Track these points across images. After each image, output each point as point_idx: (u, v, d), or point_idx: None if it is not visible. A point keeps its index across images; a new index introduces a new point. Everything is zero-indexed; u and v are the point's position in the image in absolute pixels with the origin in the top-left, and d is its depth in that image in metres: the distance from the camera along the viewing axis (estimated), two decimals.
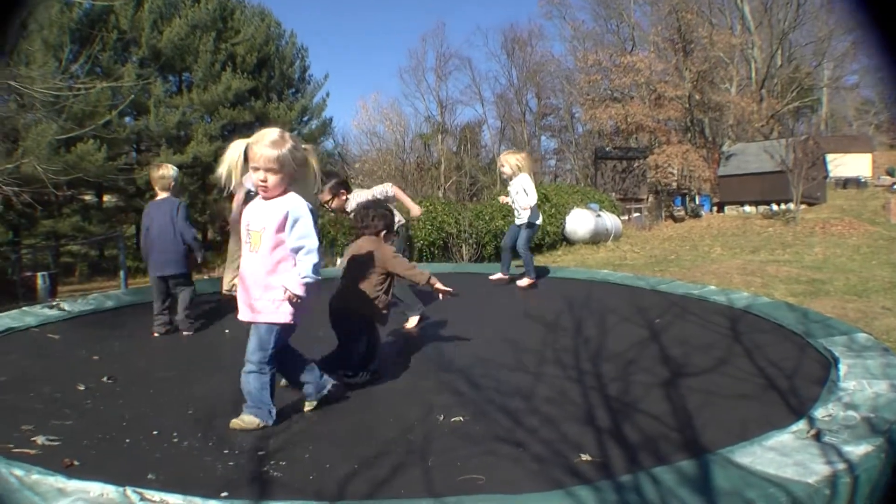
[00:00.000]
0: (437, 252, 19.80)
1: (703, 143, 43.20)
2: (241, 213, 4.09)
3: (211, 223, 33.21)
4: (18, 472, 2.87)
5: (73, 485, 2.78)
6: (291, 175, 3.76)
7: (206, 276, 20.54)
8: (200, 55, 30.33)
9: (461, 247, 20.09)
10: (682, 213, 35.03)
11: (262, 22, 33.94)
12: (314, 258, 3.75)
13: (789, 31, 44.95)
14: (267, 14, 34.79)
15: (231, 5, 33.34)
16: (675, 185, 39.43)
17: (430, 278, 4.71)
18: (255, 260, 3.73)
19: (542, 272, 9.24)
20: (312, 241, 3.76)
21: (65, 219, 26.70)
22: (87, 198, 30.09)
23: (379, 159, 49.85)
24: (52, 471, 2.92)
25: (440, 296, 4.75)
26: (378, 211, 4.90)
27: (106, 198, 31.12)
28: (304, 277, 3.70)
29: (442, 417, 3.79)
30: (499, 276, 8.67)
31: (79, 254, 30.05)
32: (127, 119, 28.22)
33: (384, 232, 4.87)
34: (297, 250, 3.75)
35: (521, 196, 8.26)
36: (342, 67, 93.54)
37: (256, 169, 3.69)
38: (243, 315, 3.81)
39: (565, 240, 24.20)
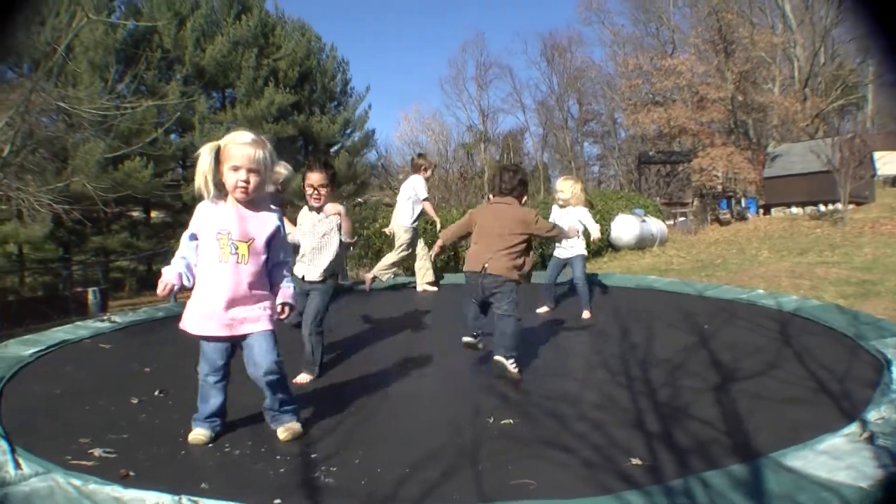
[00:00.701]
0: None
1: (748, 144, 42.70)
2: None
3: None
4: (77, 482, 2.95)
5: (130, 494, 2.85)
6: (266, 179, 3.71)
7: None
8: (243, 71, 30.71)
9: None
10: (728, 216, 34.61)
11: (303, 37, 34.26)
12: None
13: (831, 28, 44.27)
14: (307, 29, 35.13)
15: (272, 21, 33.73)
16: (719, 188, 39.03)
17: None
18: (241, 271, 3.59)
19: (588, 279, 9.17)
20: (289, 254, 3.93)
21: (113, 235, 27.17)
22: (135, 214, 30.62)
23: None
24: (108, 481, 2.99)
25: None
26: (524, 175, 5.22)
27: (153, 213, 31.64)
28: (293, 291, 3.82)
29: (492, 420, 3.82)
30: (545, 309, 7.76)
31: (128, 269, 30.53)
32: (172, 136, 28.67)
33: (525, 197, 5.16)
34: (283, 264, 3.79)
35: (573, 225, 7.21)
36: (383, 79, 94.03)
37: (237, 168, 3.53)
38: (220, 331, 3.65)
39: (610, 246, 24.06)
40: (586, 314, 7.18)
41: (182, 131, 29.02)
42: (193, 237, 3.64)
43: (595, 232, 7.65)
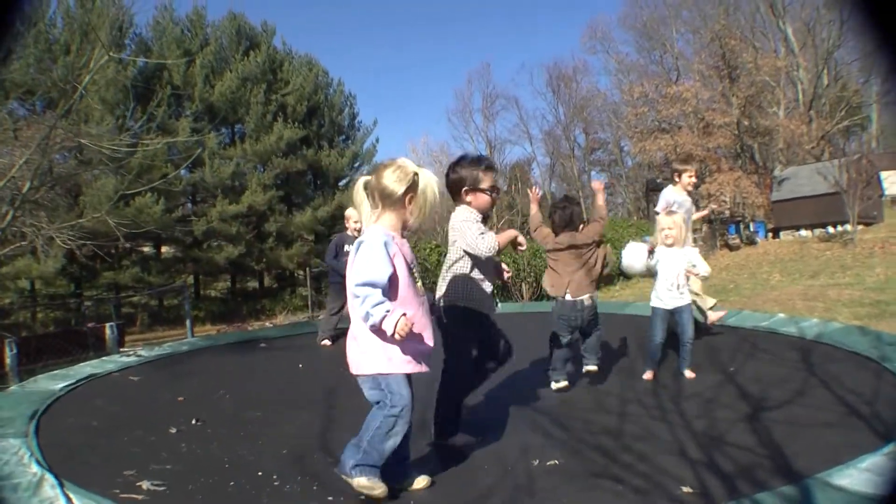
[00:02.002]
0: (496, 292, 19.81)
1: (755, 168, 42.74)
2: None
3: (267, 271, 33.66)
4: None
5: None
6: None
7: (268, 324, 20.79)
8: (252, 107, 30.94)
9: (521, 286, 20.08)
10: (738, 240, 34.61)
11: (311, 72, 34.50)
12: None
13: (834, 50, 44.52)
14: (315, 64, 35.38)
15: (280, 57, 34.00)
16: (728, 213, 39.02)
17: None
18: (426, 302, 3.48)
19: (606, 307, 9.11)
20: None
21: (125, 270, 27.24)
22: (146, 249, 30.71)
23: None
24: None
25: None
26: (577, 208, 5.85)
27: (164, 249, 31.72)
28: None
29: (537, 462, 3.81)
30: (650, 374, 6.24)
31: (139, 304, 30.58)
32: (182, 171, 28.87)
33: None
34: None
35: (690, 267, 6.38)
36: (390, 113, 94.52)
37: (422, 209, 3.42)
38: (424, 366, 3.43)
39: (622, 274, 24.06)
40: (689, 374, 6.03)
41: (192, 167, 29.19)
42: (390, 279, 3.27)
43: (704, 271, 6.47)
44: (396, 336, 3.09)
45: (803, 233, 34.70)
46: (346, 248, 7.46)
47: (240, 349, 8.51)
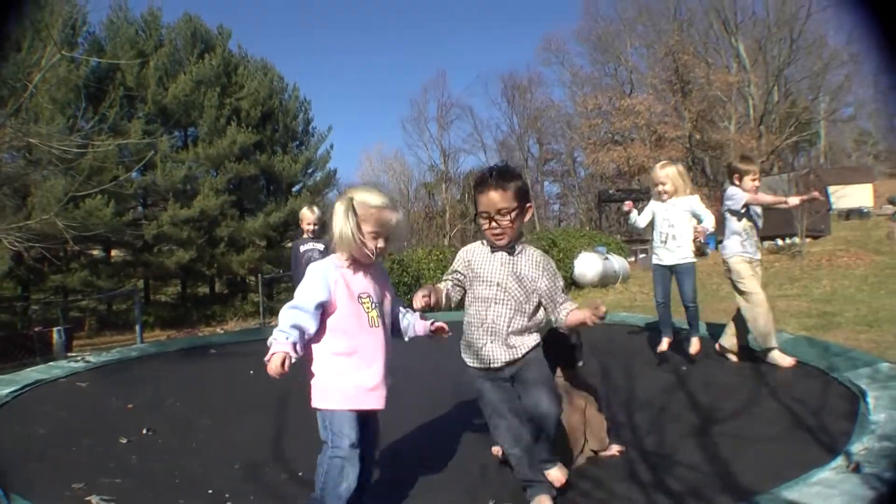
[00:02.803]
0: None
1: (705, 181, 43.37)
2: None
3: (218, 276, 33.33)
4: None
5: None
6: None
7: (219, 329, 20.59)
8: (205, 110, 30.65)
9: None
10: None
11: (266, 76, 34.30)
12: None
13: (784, 67, 45.32)
14: (270, 68, 35.18)
15: (235, 60, 33.75)
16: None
17: None
18: (381, 335, 3.31)
19: None
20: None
21: (73, 273, 26.78)
22: (95, 252, 30.24)
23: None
24: None
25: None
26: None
27: (114, 252, 31.26)
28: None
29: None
30: (666, 342, 6.40)
31: (88, 308, 30.09)
32: (133, 174, 28.47)
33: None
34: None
35: (684, 222, 6.36)
36: (345, 119, 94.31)
37: (377, 235, 3.24)
38: (384, 401, 3.28)
39: (574, 284, 24.21)
40: (695, 345, 6.15)
41: (144, 169, 28.82)
42: (320, 305, 3.15)
43: (709, 222, 6.29)
44: (269, 370, 2.92)
45: None
46: (302, 248, 7.54)
47: (190, 355, 8.41)
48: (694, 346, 6.15)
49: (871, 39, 1.70)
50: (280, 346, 2.94)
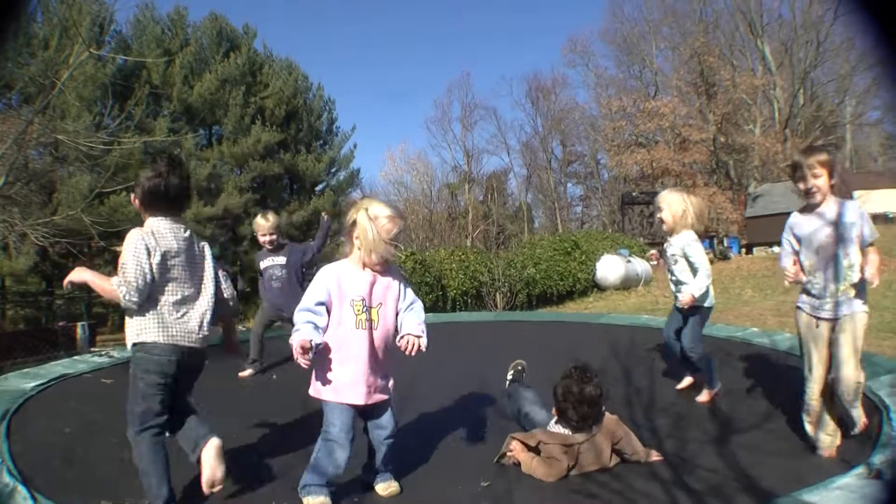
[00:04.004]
0: (470, 301, 19.81)
1: (729, 185, 43.19)
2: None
3: (241, 274, 33.50)
4: None
5: None
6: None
7: (241, 327, 20.69)
8: (230, 109, 30.81)
9: (495, 296, 20.12)
10: (711, 255, 34.81)
11: (290, 76, 34.41)
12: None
13: (811, 70, 45.05)
14: (294, 68, 35.30)
15: (260, 60, 33.88)
16: (702, 227, 39.31)
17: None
18: (366, 337, 3.57)
19: (579, 318, 9.07)
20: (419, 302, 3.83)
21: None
22: (119, 248, 30.41)
23: (406, 209, 50.20)
24: None
25: None
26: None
27: None
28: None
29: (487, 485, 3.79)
30: (687, 381, 5.72)
31: (111, 304, 30.31)
32: None
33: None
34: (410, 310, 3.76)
35: (682, 267, 5.53)
36: (369, 119, 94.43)
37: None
38: (365, 398, 3.56)
39: (596, 286, 24.18)
40: (704, 396, 5.36)
41: None
42: (321, 303, 3.55)
43: (698, 283, 5.41)
44: (296, 358, 3.33)
45: (776, 249, 34.90)
46: (262, 265, 7.12)
47: (212, 352, 8.43)
48: (702, 396, 5.35)
49: (874, 42, 1.70)
50: (297, 335, 3.36)
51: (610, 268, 24.14)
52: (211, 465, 3.47)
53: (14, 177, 12.43)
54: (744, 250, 36.70)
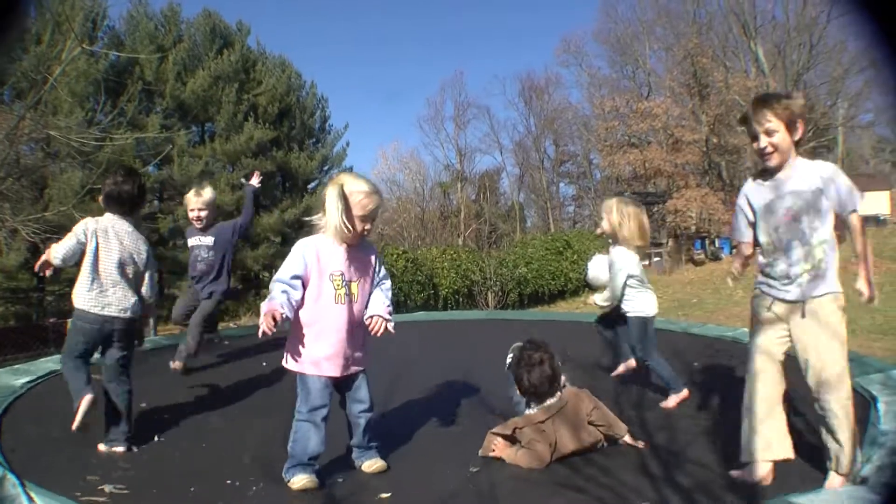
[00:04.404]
0: (462, 300, 19.85)
1: (721, 186, 43.25)
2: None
3: (232, 271, 33.45)
4: None
5: None
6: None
7: (232, 325, 20.67)
8: (223, 106, 30.75)
9: (486, 295, 20.14)
10: (702, 256, 34.94)
11: (283, 73, 34.38)
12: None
13: (803, 73, 45.15)
14: (288, 65, 35.25)
15: (253, 57, 33.83)
16: (694, 228, 39.42)
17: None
18: (345, 312, 3.68)
19: (570, 317, 9.10)
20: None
21: None
22: None
23: (399, 208, 50.25)
24: None
25: None
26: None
27: None
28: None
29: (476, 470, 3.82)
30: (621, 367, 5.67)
31: None
32: (150, 168, 28.57)
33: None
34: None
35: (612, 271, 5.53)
36: (362, 117, 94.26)
37: (364, 219, 3.66)
38: (342, 370, 3.69)
39: (587, 285, 24.25)
40: (670, 402, 5.21)
41: (160, 164, 28.95)
42: (297, 277, 3.62)
43: (609, 294, 5.54)
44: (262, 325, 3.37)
45: None
46: (190, 242, 6.66)
47: (203, 348, 8.46)
48: (667, 401, 5.21)
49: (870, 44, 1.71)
50: (270, 303, 3.44)
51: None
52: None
53: (5, 172, 12.40)
54: (735, 251, 36.80)
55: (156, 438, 4.64)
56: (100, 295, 4.45)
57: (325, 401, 3.64)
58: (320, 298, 3.63)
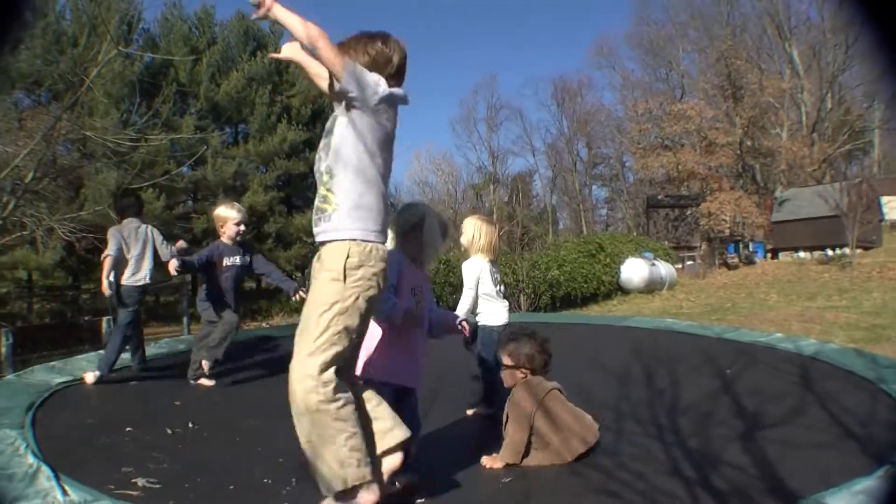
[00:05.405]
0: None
1: (755, 189, 42.84)
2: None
3: None
4: None
5: None
6: None
7: (265, 324, 20.78)
8: (256, 107, 30.89)
9: (519, 297, 20.08)
10: (736, 260, 34.56)
11: None
12: None
13: (839, 74, 44.66)
14: None
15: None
16: (727, 232, 39.05)
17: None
18: (424, 324, 3.79)
19: (603, 320, 9.07)
20: None
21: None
22: None
23: None
24: None
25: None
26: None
27: None
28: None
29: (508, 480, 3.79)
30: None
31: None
32: (184, 169, 28.77)
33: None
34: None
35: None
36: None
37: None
38: (415, 382, 3.76)
39: (620, 289, 24.11)
40: (471, 410, 5.32)
41: (194, 165, 29.16)
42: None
43: (460, 306, 5.40)
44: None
45: (802, 254, 34.70)
46: (226, 261, 6.43)
47: (236, 348, 8.53)
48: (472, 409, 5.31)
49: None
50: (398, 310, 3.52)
51: (634, 271, 24.05)
52: None
53: (42, 172, 12.53)
54: (769, 255, 36.39)
55: (190, 425, 4.67)
56: None
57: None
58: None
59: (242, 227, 6.49)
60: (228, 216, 6.45)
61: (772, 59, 48.23)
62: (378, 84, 3.07)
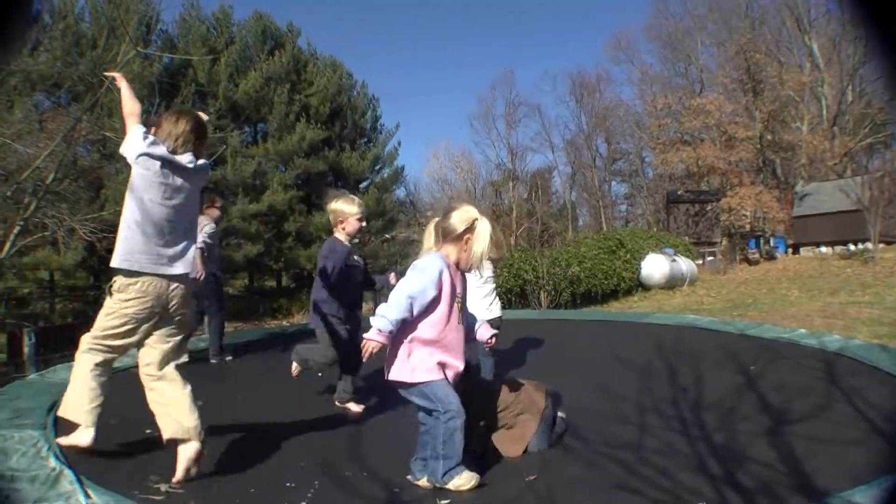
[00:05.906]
0: (514, 299, 19.75)
1: (776, 183, 42.62)
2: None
3: (285, 270, 33.67)
4: None
5: None
6: None
7: (285, 323, 20.84)
8: (275, 106, 30.95)
9: (539, 294, 20.01)
10: (757, 255, 34.38)
11: (334, 73, 34.48)
12: None
13: (859, 67, 44.29)
14: (339, 66, 35.35)
15: (304, 58, 34.00)
16: (748, 227, 38.87)
17: None
18: (461, 330, 3.85)
19: (624, 317, 9.04)
20: None
21: None
22: None
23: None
24: None
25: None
26: None
27: None
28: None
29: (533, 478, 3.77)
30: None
31: None
32: None
33: None
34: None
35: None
36: (413, 116, 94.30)
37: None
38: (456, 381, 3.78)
39: (641, 285, 24.00)
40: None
41: (214, 164, 29.25)
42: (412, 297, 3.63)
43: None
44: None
45: (823, 249, 34.46)
46: (354, 259, 5.82)
47: (256, 347, 8.57)
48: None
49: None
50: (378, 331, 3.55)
51: (655, 267, 23.94)
52: None
53: (63, 173, 12.62)
54: (790, 250, 36.17)
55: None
56: None
57: (457, 398, 3.65)
58: (447, 320, 3.72)
59: (364, 223, 5.89)
60: (350, 211, 5.77)
61: (791, 52, 47.95)
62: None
